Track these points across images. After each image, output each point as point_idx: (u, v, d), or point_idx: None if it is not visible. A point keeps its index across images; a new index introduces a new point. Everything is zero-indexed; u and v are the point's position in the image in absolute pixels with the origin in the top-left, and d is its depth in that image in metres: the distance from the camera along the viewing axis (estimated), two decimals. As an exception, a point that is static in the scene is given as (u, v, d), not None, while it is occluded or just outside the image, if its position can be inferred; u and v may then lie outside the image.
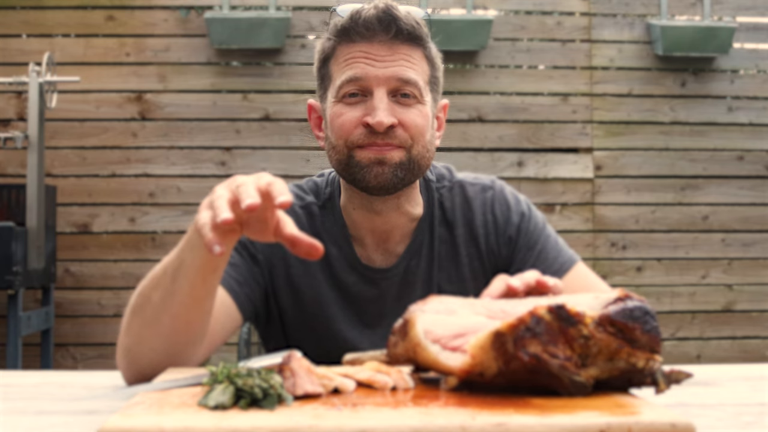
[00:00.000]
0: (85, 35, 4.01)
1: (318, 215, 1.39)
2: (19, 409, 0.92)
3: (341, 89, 1.29)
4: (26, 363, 3.62)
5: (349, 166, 1.29)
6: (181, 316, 1.08)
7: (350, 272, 1.37)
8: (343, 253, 1.37)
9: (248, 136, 4.01)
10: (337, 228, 1.38)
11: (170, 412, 0.75)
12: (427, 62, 1.32)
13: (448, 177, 1.43)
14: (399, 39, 1.28)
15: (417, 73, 1.29)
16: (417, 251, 1.38)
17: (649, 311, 0.83)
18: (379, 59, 1.27)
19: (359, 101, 1.29)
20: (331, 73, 1.33)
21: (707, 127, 4.17)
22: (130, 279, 3.93)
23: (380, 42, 1.28)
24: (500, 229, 1.38)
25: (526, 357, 0.79)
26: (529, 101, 4.12)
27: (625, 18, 4.19)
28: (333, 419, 0.72)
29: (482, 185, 1.42)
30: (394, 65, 1.27)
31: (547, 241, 1.39)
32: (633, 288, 3.87)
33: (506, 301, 0.98)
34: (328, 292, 1.37)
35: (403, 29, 1.28)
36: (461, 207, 1.40)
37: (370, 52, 1.28)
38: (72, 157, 3.96)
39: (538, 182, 4.06)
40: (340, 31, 1.31)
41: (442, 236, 1.39)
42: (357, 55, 1.28)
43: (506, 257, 1.38)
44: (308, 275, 1.37)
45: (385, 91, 1.27)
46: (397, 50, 1.28)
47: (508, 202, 1.40)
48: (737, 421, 0.83)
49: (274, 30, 3.92)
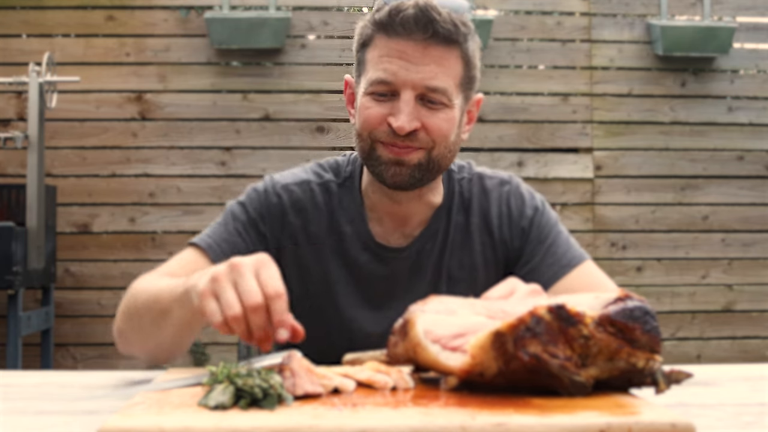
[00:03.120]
0: (85, 35, 4.01)
1: (336, 193, 1.41)
2: (19, 409, 0.92)
3: (371, 86, 1.30)
4: (26, 363, 3.62)
5: (371, 158, 1.32)
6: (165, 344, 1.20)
7: (362, 250, 1.39)
8: (357, 231, 1.39)
9: (248, 136, 4.01)
10: (354, 206, 1.40)
11: (170, 412, 0.76)
12: (462, 63, 1.32)
13: (467, 169, 1.46)
14: (435, 40, 1.28)
15: (448, 77, 1.29)
16: (432, 236, 1.40)
17: (649, 311, 0.83)
18: (413, 60, 1.27)
19: (387, 99, 1.30)
20: (366, 61, 1.33)
21: (707, 127, 4.17)
22: (130, 279, 3.85)
23: (416, 41, 1.28)
24: (514, 221, 1.41)
25: (526, 357, 0.79)
26: (529, 101, 4.12)
27: (625, 18, 4.19)
28: (333, 419, 0.72)
29: (500, 179, 1.45)
30: (426, 69, 1.27)
31: (558, 237, 1.40)
32: (633, 288, 3.87)
33: (506, 301, 0.98)
34: (337, 271, 1.39)
35: (440, 32, 1.27)
36: (478, 197, 1.42)
37: (405, 51, 1.28)
38: (72, 157, 3.96)
39: (538, 182, 4.05)
40: (379, 23, 1.31)
41: (458, 224, 1.41)
42: (392, 53, 1.29)
43: (518, 248, 1.40)
44: (317, 254, 1.39)
45: (412, 94, 1.28)
46: (431, 52, 1.28)
47: (524, 196, 1.43)
48: (737, 421, 0.83)
49: (274, 30, 3.92)
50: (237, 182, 3.96)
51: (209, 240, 1.36)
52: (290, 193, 1.40)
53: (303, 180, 1.42)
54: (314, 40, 4.10)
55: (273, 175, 1.44)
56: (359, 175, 1.42)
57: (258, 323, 0.94)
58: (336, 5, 4.09)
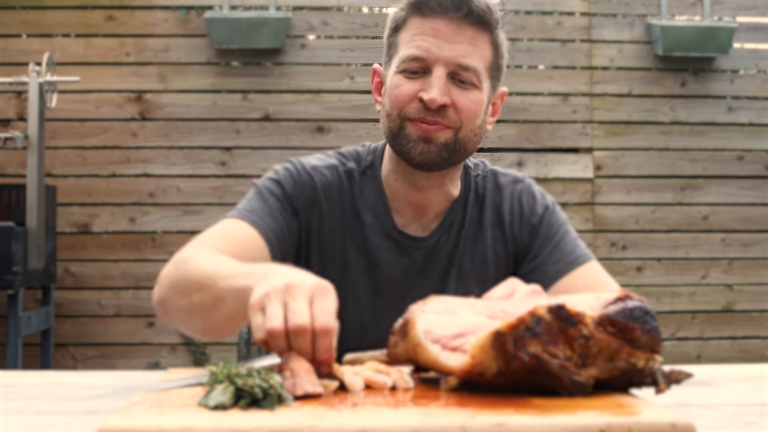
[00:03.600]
0: (85, 35, 4.01)
1: (357, 181, 1.42)
2: (19, 409, 0.92)
3: (403, 63, 1.32)
4: (26, 363, 3.62)
5: (399, 137, 1.33)
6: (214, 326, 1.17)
7: (384, 239, 1.40)
8: (379, 220, 1.40)
9: (248, 136, 4.01)
10: (375, 195, 1.41)
11: (170, 412, 0.75)
12: (491, 48, 1.34)
13: (482, 167, 1.49)
14: (469, 20, 1.30)
15: (479, 59, 1.32)
16: (448, 228, 1.42)
17: (649, 311, 0.83)
18: (446, 38, 1.30)
19: (419, 77, 1.31)
20: (398, 42, 1.35)
21: (707, 127, 4.17)
22: (130, 279, 3.93)
23: (450, 19, 1.30)
24: (525, 218, 1.43)
25: (526, 357, 0.79)
26: (529, 101, 4.12)
27: (625, 18, 4.19)
28: (333, 419, 0.72)
29: (513, 177, 1.49)
30: (458, 48, 1.30)
31: (566, 235, 1.43)
32: (633, 288, 3.86)
33: (506, 301, 0.98)
34: (355, 258, 1.39)
35: (474, 10, 1.30)
36: (492, 193, 1.45)
37: (439, 29, 1.30)
38: (72, 157, 3.96)
39: (538, 182, 4.03)
40: (414, 4, 1.33)
41: (472, 217, 1.43)
42: (425, 31, 1.31)
43: (527, 244, 1.42)
44: (338, 240, 1.39)
45: (444, 71, 1.30)
46: (464, 31, 1.30)
47: (535, 195, 1.47)
48: (737, 421, 0.83)
49: (274, 30, 3.92)
50: (237, 182, 3.96)
51: (253, 216, 1.32)
52: (321, 175, 1.40)
53: (331, 165, 1.42)
54: (314, 40, 4.10)
55: (298, 159, 1.43)
56: (380, 165, 1.43)
57: (300, 346, 0.89)
58: (336, 5, 4.09)
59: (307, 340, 0.88)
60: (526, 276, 1.32)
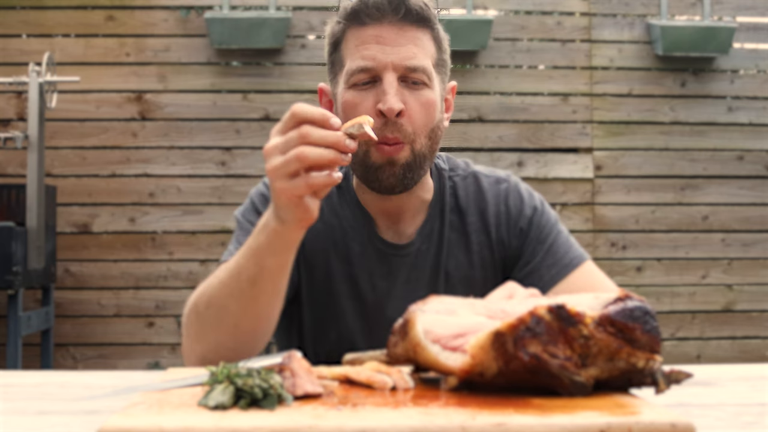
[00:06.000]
0: (85, 35, 4.01)
1: (334, 192, 1.40)
2: (19, 409, 0.92)
3: (352, 76, 1.29)
4: (26, 363, 3.62)
5: (365, 164, 1.29)
6: (263, 316, 1.13)
7: (365, 247, 1.37)
8: (360, 229, 1.38)
9: (248, 136, 4.01)
10: (351, 206, 1.39)
11: (170, 412, 0.75)
12: (434, 44, 1.33)
13: (463, 167, 1.44)
14: (408, 20, 1.28)
15: (425, 57, 1.30)
16: (428, 236, 1.38)
17: (649, 311, 0.83)
18: (389, 43, 1.27)
19: (370, 87, 1.28)
20: (342, 57, 1.32)
21: (707, 127, 4.17)
22: (130, 279, 3.93)
23: (390, 23, 1.28)
24: (512, 221, 1.39)
25: (526, 357, 0.78)
26: (529, 101, 4.12)
27: (625, 18, 4.19)
28: (333, 419, 0.72)
29: (497, 177, 1.43)
30: (404, 50, 1.27)
31: (558, 237, 1.39)
32: (633, 288, 3.88)
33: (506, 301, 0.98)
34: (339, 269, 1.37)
35: (412, 10, 1.28)
36: (474, 196, 1.41)
37: (381, 35, 1.28)
38: (72, 157, 3.96)
39: (538, 182, 4.05)
40: (350, 14, 1.31)
41: (453, 223, 1.39)
42: (367, 39, 1.28)
43: (516, 248, 1.39)
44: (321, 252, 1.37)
45: (394, 76, 1.27)
46: (406, 33, 1.28)
47: (522, 195, 1.41)
48: (737, 421, 0.83)
49: (274, 30, 3.92)
50: (237, 182, 3.96)
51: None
52: None
53: None
54: (314, 40, 4.10)
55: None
56: (351, 176, 1.41)
57: (317, 137, 1.01)
58: (336, 5, 4.09)
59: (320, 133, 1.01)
60: (521, 282, 1.28)
